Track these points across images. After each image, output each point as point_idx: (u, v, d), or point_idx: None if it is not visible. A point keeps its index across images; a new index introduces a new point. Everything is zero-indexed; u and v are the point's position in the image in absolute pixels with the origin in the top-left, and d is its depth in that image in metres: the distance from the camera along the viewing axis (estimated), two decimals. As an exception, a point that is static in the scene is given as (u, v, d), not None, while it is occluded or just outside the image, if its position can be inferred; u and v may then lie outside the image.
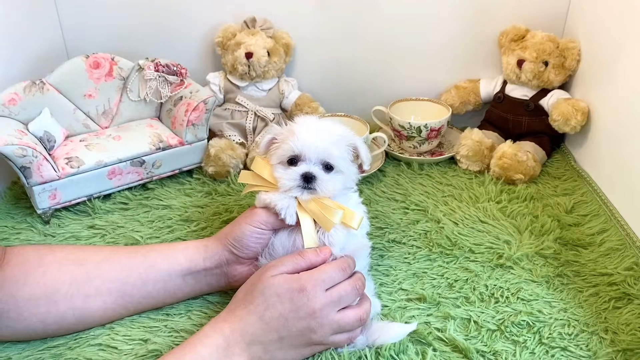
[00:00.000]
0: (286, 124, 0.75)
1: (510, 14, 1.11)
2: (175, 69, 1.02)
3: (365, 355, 0.66)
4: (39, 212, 0.90)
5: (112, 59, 1.01)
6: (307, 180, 0.70)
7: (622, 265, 0.80)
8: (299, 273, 0.66)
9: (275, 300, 0.64)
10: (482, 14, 1.12)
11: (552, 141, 1.09)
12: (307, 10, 1.12)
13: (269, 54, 1.07)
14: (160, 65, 1.01)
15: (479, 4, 1.11)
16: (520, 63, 1.06)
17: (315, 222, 0.72)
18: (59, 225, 0.90)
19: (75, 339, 0.69)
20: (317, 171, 0.71)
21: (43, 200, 0.89)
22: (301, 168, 0.71)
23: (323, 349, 0.67)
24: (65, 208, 0.93)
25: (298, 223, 0.72)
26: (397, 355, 0.66)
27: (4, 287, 0.67)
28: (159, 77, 1.02)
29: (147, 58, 1.02)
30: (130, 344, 0.69)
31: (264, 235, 0.73)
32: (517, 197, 0.97)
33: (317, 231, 0.72)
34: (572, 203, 0.94)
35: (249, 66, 1.06)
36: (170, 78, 1.03)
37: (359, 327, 0.68)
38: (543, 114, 1.07)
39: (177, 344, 0.68)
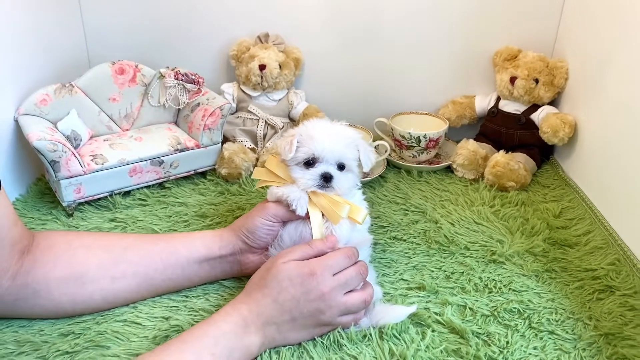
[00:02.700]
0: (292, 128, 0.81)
1: (503, 35, 1.20)
2: (193, 77, 1.10)
3: (370, 334, 0.72)
4: (64, 204, 0.96)
5: (136, 66, 1.08)
6: (326, 179, 0.78)
7: (605, 261, 0.87)
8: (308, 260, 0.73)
9: (288, 284, 0.69)
10: (477, 36, 1.21)
11: (542, 153, 1.16)
12: (316, 29, 1.21)
13: (280, 67, 1.15)
14: (180, 73, 1.09)
15: (475, 27, 1.20)
16: (512, 80, 1.14)
17: (323, 215, 0.79)
18: (82, 218, 0.96)
19: (102, 316, 0.75)
20: (334, 171, 0.79)
21: (69, 194, 0.95)
22: (320, 169, 0.78)
23: (331, 329, 0.72)
24: (88, 202, 1.00)
25: (305, 216, 0.78)
26: (399, 335, 0.72)
27: (35, 269, 0.72)
28: (178, 84, 1.09)
29: (167, 67, 1.10)
30: (152, 321, 0.74)
31: (274, 228, 0.79)
32: (509, 202, 1.04)
33: (324, 224, 0.79)
34: (560, 208, 1.01)
35: (262, 77, 1.14)
36: (189, 86, 1.10)
37: (364, 309, 0.74)
38: (534, 127, 1.15)
39: (197, 322, 0.74)
